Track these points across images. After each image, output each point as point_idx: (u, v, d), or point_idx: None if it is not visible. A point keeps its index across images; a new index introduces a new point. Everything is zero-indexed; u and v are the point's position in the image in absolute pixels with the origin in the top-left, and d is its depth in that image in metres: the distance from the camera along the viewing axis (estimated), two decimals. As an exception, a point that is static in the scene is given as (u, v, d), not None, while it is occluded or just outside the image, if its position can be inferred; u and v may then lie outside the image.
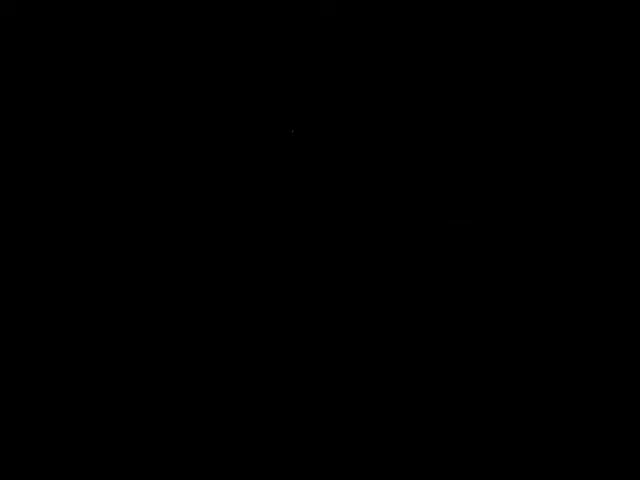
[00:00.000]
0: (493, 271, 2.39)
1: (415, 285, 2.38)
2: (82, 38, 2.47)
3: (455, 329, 2.30)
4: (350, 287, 2.38)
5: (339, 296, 2.37)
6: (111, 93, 2.50)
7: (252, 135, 2.52)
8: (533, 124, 2.46)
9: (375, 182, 2.50)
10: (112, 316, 2.32)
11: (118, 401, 2.11)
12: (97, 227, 2.45)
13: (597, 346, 2.23)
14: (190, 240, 2.45)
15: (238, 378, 2.19)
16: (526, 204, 2.45)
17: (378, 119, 2.51)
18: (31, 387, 2.14)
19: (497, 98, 2.47)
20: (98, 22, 2.47)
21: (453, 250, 2.42)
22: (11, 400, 2.10)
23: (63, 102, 2.49)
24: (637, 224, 2.38)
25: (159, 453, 1.96)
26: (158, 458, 1.95)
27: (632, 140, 2.42)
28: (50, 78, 2.49)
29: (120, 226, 2.46)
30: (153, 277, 2.40)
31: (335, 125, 2.52)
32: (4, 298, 2.34)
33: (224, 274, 2.41)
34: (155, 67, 2.49)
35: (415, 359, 2.23)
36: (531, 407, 2.08)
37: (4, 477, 1.88)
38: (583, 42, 2.43)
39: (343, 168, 2.51)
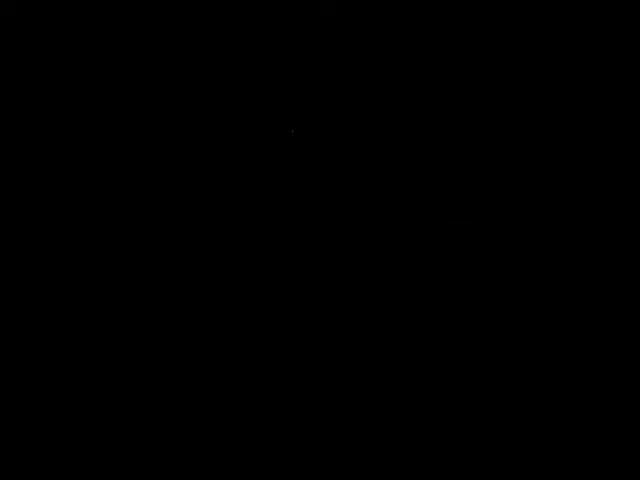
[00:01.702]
0: (493, 271, 2.39)
1: (415, 285, 2.38)
2: (82, 38, 2.47)
3: (455, 329, 2.30)
4: (350, 287, 2.38)
5: (339, 296, 2.37)
6: (111, 93, 2.50)
7: (252, 135, 2.52)
8: (533, 124, 2.46)
9: (375, 182, 2.50)
10: (112, 316, 2.32)
11: (118, 401, 2.11)
12: (97, 227, 2.45)
13: (597, 346, 2.23)
14: (190, 239, 2.45)
15: (238, 378, 2.19)
16: (526, 204, 2.45)
17: (378, 119, 2.51)
18: (31, 387, 2.14)
19: (497, 98, 2.47)
20: (98, 22, 2.47)
21: (453, 250, 2.42)
22: (11, 400, 2.10)
23: (63, 102, 2.49)
24: (637, 224, 2.38)
25: (159, 453, 1.96)
26: (158, 458, 1.95)
27: (632, 140, 2.42)
28: (50, 78, 2.49)
29: (120, 226, 2.46)
30: (153, 277, 2.40)
31: (335, 125, 2.52)
32: (4, 298, 2.34)
33: (224, 274, 2.41)
34: (155, 67, 2.49)
35: (415, 359, 2.23)
36: (531, 407, 2.08)
37: (4, 477, 1.88)
38: (583, 42, 2.43)
39: (343, 168, 2.51)
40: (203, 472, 1.91)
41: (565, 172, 2.44)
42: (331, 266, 2.42)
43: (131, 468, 1.92)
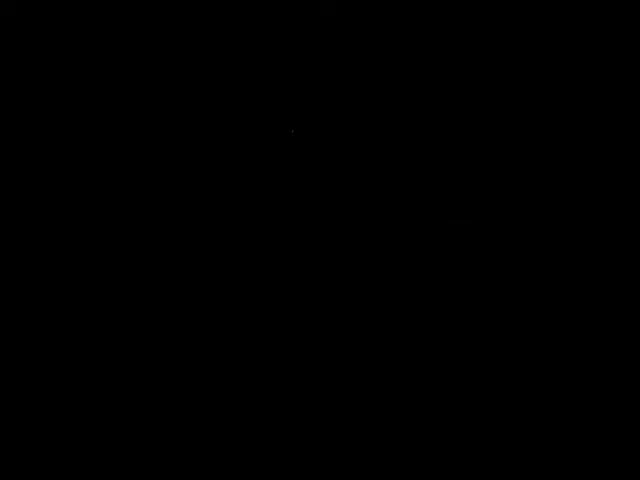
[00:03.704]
0: (493, 271, 2.39)
1: (415, 285, 2.38)
2: (82, 38, 2.47)
3: (455, 329, 2.30)
4: (350, 287, 2.39)
5: (339, 296, 2.37)
6: (111, 93, 2.50)
7: (252, 135, 2.52)
8: (533, 124, 2.46)
9: (375, 182, 2.50)
10: (112, 316, 2.32)
11: (118, 401, 2.11)
12: (97, 227, 2.45)
13: (597, 346, 2.23)
14: (190, 240, 2.45)
15: (238, 378, 2.19)
16: (526, 204, 2.45)
17: (378, 119, 2.51)
18: (31, 387, 2.14)
19: (497, 98, 2.47)
20: (98, 22, 2.47)
21: (453, 250, 2.42)
22: (11, 400, 2.10)
23: (63, 102, 2.49)
24: (637, 224, 2.38)
25: (159, 453, 1.96)
26: (158, 458, 1.95)
27: (632, 140, 2.42)
28: (50, 78, 2.49)
29: (120, 226, 2.46)
30: (153, 277, 2.40)
31: (335, 125, 2.52)
32: (4, 298, 2.34)
33: (224, 274, 2.41)
34: (155, 67, 2.49)
35: (415, 359, 2.23)
36: (531, 407, 2.08)
37: (4, 477, 1.88)
38: (583, 42, 2.43)
39: (343, 168, 2.51)
40: (203, 472, 1.91)
41: (565, 172, 2.45)
42: (331, 266, 2.42)
43: (131, 468, 1.92)
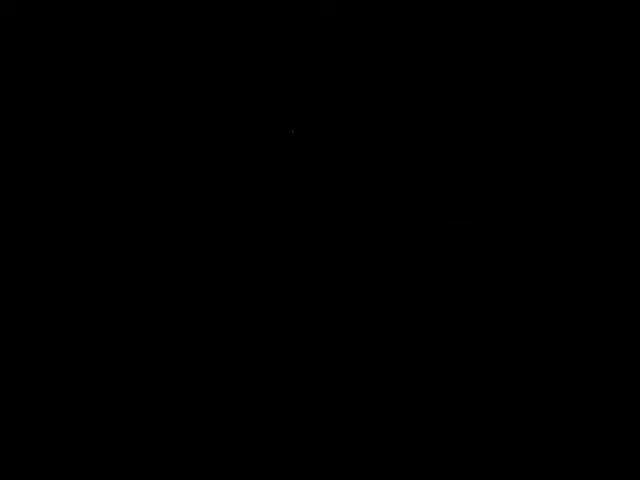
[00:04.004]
0: (493, 271, 2.39)
1: (415, 285, 2.38)
2: (82, 38, 2.47)
3: (455, 329, 2.30)
4: (350, 287, 2.39)
5: (339, 296, 2.37)
6: (111, 93, 2.50)
7: (252, 135, 2.52)
8: (533, 124, 2.46)
9: (375, 182, 2.50)
10: (112, 316, 2.32)
11: (118, 401, 2.11)
12: (97, 227, 2.45)
13: (597, 346, 2.23)
14: (190, 240, 2.45)
15: (238, 378, 2.19)
16: (526, 204, 2.45)
17: (378, 119, 2.51)
18: (31, 387, 2.14)
19: (497, 98, 2.47)
20: (98, 22, 2.47)
21: (453, 250, 2.42)
22: (11, 400, 2.10)
23: (63, 102, 2.49)
24: (637, 224, 2.38)
25: (159, 453, 1.96)
26: (158, 458, 1.95)
27: (632, 140, 2.42)
28: (50, 78, 2.49)
29: (120, 226, 2.46)
30: (153, 277, 2.40)
31: (335, 125, 2.52)
32: (4, 298, 2.34)
33: (224, 274, 2.41)
34: (155, 67, 2.49)
35: (415, 359, 2.23)
36: (531, 407, 2.09)
37: (4, 477, 1.88)
38: (583, 42, 2.43)
39: (343, 168, 2.51)
40: (203, 472, 1.92)
41: (565, 172, 2.45)
42: (331, 266, 2.42)
43: (131, 468, 1.92)
